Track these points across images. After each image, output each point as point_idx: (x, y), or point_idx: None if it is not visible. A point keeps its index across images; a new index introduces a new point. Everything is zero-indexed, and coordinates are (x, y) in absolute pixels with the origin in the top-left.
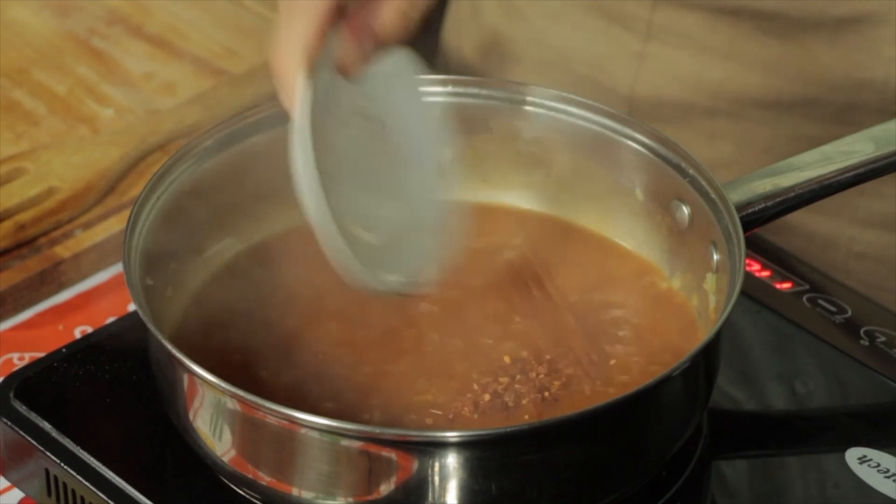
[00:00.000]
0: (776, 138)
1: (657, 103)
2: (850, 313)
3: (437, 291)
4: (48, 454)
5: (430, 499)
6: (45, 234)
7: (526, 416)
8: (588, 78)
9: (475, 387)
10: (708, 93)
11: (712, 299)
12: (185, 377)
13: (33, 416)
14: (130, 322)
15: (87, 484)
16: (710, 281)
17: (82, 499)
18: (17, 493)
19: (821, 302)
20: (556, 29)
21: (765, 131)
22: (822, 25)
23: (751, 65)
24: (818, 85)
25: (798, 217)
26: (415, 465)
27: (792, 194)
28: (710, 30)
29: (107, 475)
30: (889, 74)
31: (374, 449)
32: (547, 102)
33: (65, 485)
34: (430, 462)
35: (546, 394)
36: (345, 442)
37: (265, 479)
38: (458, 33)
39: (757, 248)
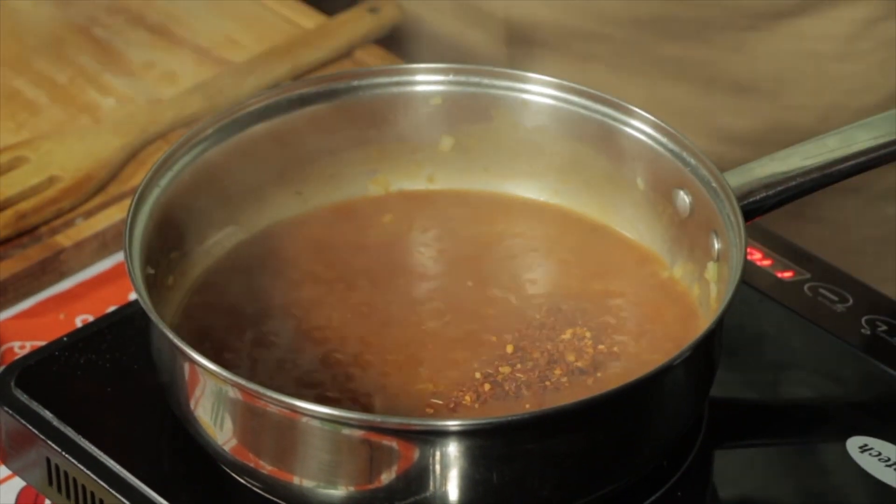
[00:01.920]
0: (643, 60)
1: (532, 26)
2: (851, 302)
3: (437, 279)
4: (49, 443)
5: (431, 488)
6: (46, 223)
7: (527, 406)
8: (468, 2)
9: (476, 376)
10: (575, 13)
11: (713, 288)
12: (187, 366)
13: (34, 405)
14: (131, 311)
15: (88, 473)
16: (711, 270)
17: (83, 487)
18: (19, 482)
19: (822, 291)
20: None
21: (633, 53)
22: None
23: None
24: (671, 1)
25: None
26: (416, 453)
27: (793, 183)
28: None
29: (108, 464)
30: None
31: (375, 438)
32: (548, 91)
33: (66, 473)
34: (432, 451)
35: (547, 383)
36: (346, 431)
37: (266, 467)
38: None
39: (758, 236)
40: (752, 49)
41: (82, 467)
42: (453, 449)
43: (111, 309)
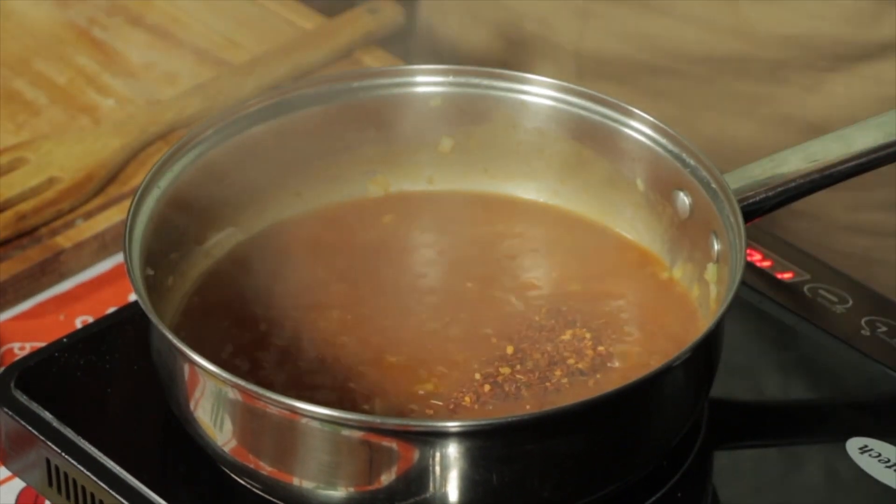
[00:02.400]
0: (714, 96)
1: (602, 60)
2: (850, 303)
3: (437, 280)
4: (49, 444)
5: (430, 489)
6: (45, 224)
7: (527, 407)
8: (537, 35)
9: (476, 377)
10: (648, 49)
11: (713, 289)
12: (186, 367)
13: (34, 406)
14: (131, 312)
15: (88, 474)
16: (710, 271)
17: (83, 488)
18: (19, 483)
19: (822, 292)
20: None
21: (703, 89)
22: None
23: (687, 20)
24: (748, 41)
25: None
26: (416, 455)
27: (793, 184)
28: None
29: (108, 465)
30: (815, 30)
31: (374, 439)
32: (547, 92)
33: (66, 474)
34: (431, 452)
35: (548, 384)
36: (346, 432)
37: (266, 468)
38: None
39: (758, 238)
40: (829, 90)
41: (82, 468)
42: (453, 450)
43: (111, 310)
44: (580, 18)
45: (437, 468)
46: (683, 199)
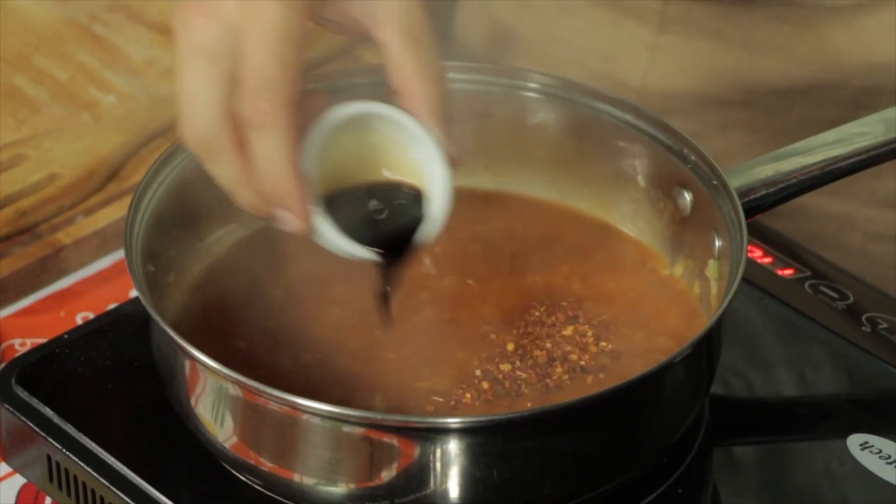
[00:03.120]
0: (789, 125)
1: (668, 95)
2: (851, 300)
3: (438, 278)
4: (50, 440)
5: (431, 485)
6: (46, 220)
7: (528, 403)
8: (599, 72)
9: (477, 373)
10: (722, 82)
11: (714, 286)
12: (187, 363)
13: (35, 402)
14: (132, 308)
15: (88, 470)
16: (711, 267)
17: (84, 484)
18: (19, 479)
19: (823, 288)
20: (567, 23)
21: (778, 119)
22: (836, 10)
23: (766, 51)
24: (833, 70)
25: (813, 200)
26: (416, 451)
27: (794, 180)
28: (724, 19)
29: (108, 461)
30: None
31: (375, 435)
32: (548, 89)
33: (66, 471)
34: (432, 448)
35: (549, 381)
36: (346, 428)
37: (267, 465)
38: (467, 28)
39: (759, 234)
40: None
41: (83, 464)
42: (454, 446)
43: (112, 306)
44: (648, 54)
45: (438, 465)
46: (685, 196)
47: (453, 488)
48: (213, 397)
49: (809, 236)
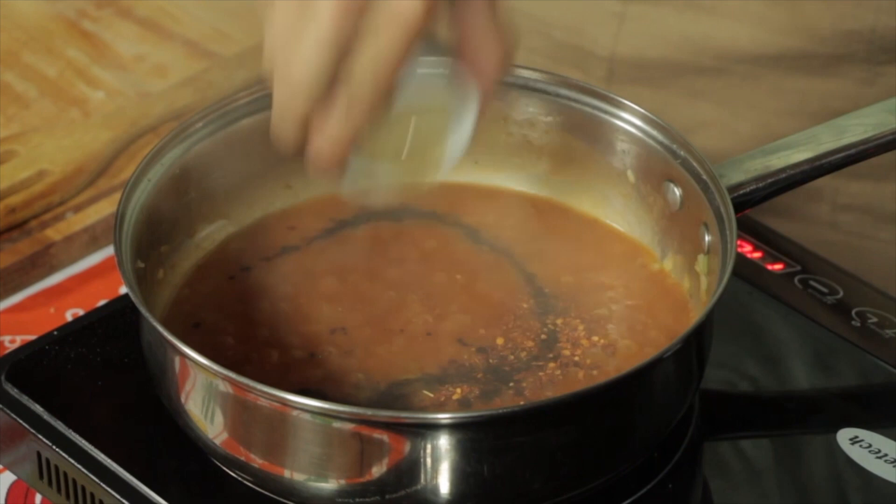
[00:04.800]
0: (759, 94)
1: (638, 64)
2: (841, 294)
3: (428, 272)
4: (40, 437)
5: (422, 481)
6: (35, 216)
7: (519, 399)
8: (567, 43)
9: (467, 367)
10: (692, 49)
11: (704, 281)
12: (177, 360)
13: (25, 399)
14: (122, 305)
15: (78, 466)
16: (701, 262)
17: (74, 481)
18: (9, 476)
19: (812, 283)
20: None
21: (747, 87)
22: None
23: (737, 18)
24: (805, 36)
25: None
26: (407, 447)
27: (783, 175)
28: None
29: (98, 458)
30: (876, 23)
31: (365, 431)
32: (538, 84)
33: (56, 467)
34: (422, 444)
35: (540, 374)
36: (336, 424)
37: (257, 461)
38: None
39: (748, 229)
40: (884, 83)
41: (73, 461)
42: (444, 442)
43: (101, 303)
44: (616, 23)
45: (429, 460)
46: (674, 191)
47: (444, 484)
48: (203, 394)
49: (778, 207)
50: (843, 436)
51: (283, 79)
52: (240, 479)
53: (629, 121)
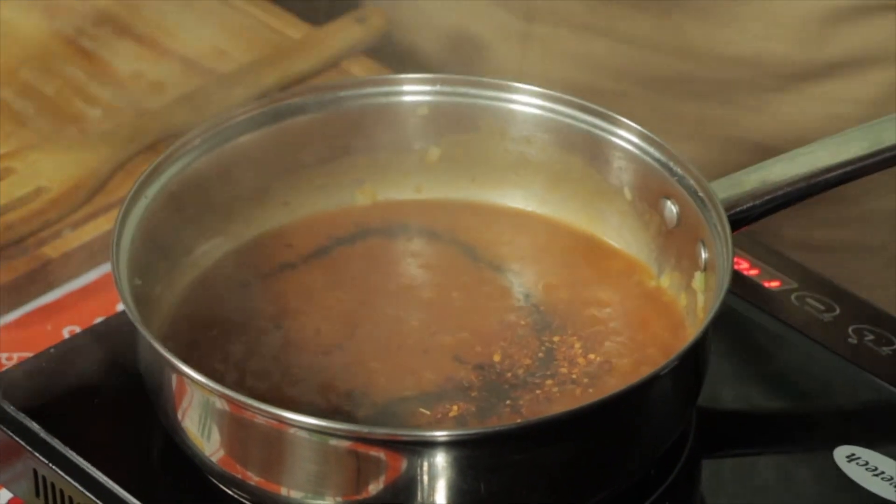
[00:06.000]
0: (658, 118)
1: (544, 83)
2: (838, 311)
3: (424, 289)
4: (36, 454)
5: (418, 498)
6: (33, 234)
7: (515, 416)
8: (477, 60)
9: (464, 384)
10: (590, 70)
11: (701, 298)
12: (174, 377)
13: (21, 417)
14: (119, 322)
15: (75, 484)
16: (698, 279)
17: (70, 499)
18: (6, 494)
19: (809, 300)
20: (444, 12)
21: (647, 111)
22: (693, 2)
23: (628, 40)
24: (692, 61)
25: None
26: (403, 464)
27: (780, 192)
28: (589, 9)
29: (95, 475)
30: (761, 50)
31: (362, 449)
32: (535, 101)
33: (53, 485)
34: (419, 461)
35: (538, 392)
36: (333, 442)
37: (254, 478)
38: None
39: (745, 246)
40: (776, 110)
41: (69, 479)
42: (441, 459)
43: (98, 320)
44: (521, 42)
45: (425, 477)
46: (671, 208)
47: (440, 501)
48: (200, 411)
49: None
50: (840, 453)
51: None
52: (237, 496)
53: (626, 138)
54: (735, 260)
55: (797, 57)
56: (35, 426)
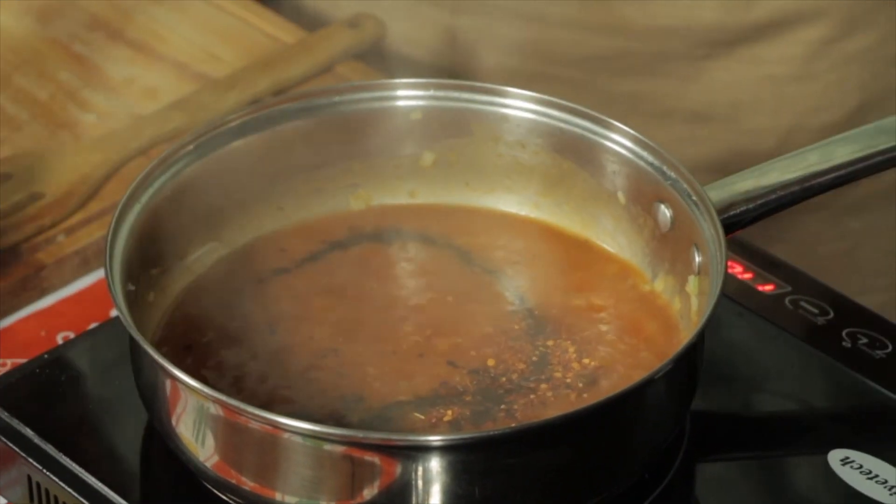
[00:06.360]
0: (591, 99)
1: (473, 70)
2: (832, 315)
3: (418, 293)
4: (30, 460)
5: (413, 503)
6: (26, 239)
7: (510, 420)
8: (409, 57)
9: (458, 389)
10: (518, 56)
11: (695, 302)
12: (168, 382)
13: (15, 423)
14: (113, 327)
15: (69, 490)
16: (692, 283)
17: None
18: (1, 500)
19: (803, 304)
20: (376, 12)
21: (579, 93)
22: None
23: (558, 23)
24: (624, 37)
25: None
26: (398, 469)
27: (773, 196)
28: None
29: (89, 481)
30: (691, 19)
31: (357, 453)
32: (528, 105)
33: (47, 491)
34: (414, 466)
35: (532, 396)
36: (328, 446)
37: (248, 484)
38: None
39: (739, 250)
40: (709, 78)
41: (63, 485)
42: (435, 464)
43: (92, 325)
44: (449, 35)
45: (420, 482)
46: (664, 212)
47: None
48: (194, 416)
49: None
50: (834, 457)
51: None
52: (231, 502)
53: (619, 142)
54: (729, 264)
55: (726, 22)
56: (29, 432)
